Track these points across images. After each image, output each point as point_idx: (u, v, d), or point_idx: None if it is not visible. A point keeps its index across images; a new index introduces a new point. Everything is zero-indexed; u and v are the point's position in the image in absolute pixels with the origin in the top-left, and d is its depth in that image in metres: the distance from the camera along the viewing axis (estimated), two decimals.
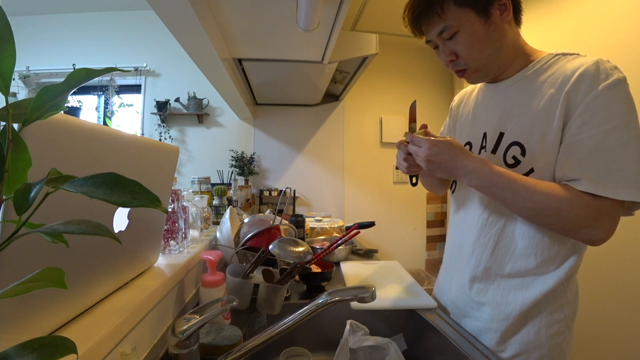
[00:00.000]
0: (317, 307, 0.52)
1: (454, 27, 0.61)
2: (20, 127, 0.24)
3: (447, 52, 0.65)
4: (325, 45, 1.30)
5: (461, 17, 0.60)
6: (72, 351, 0.22)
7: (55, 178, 0.23)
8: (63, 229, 0.22)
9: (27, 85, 2.33)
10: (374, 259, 1.30)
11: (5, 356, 0.20)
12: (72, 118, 0.38)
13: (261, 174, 2.55)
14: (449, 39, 0.63)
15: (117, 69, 0.27)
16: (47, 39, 2.39)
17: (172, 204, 0.78)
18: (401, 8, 0.68)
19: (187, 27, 0.99)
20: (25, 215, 0.22)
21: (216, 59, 1.21)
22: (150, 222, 0.62)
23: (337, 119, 2.62)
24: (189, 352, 0.50)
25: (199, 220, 1.01)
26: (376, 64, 2.44)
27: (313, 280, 0.95)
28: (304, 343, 0.78)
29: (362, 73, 1.85)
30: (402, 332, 0.78)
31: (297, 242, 0.70)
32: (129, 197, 0.23)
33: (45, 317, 0.39)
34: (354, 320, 0.71)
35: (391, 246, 2.62)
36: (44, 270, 0.21)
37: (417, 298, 0.85)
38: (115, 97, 2.40)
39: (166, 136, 2.44)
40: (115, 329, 0.44)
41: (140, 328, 0.53)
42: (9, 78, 0.23)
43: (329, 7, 1.00)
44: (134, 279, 0.61)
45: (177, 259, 0.76)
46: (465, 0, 0.60)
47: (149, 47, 2.46)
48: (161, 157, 0.63)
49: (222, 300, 0.55)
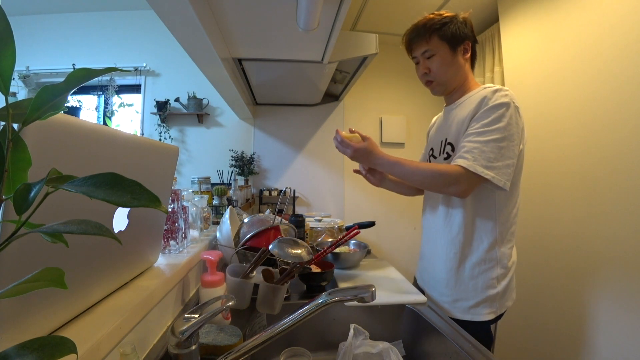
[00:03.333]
0: (317, 307, 0.52)
1: (432, 51, 0.92)
2: (20, 127, 0.24)
3: (424, 66, 0.95)
4: (325, 45, 1.30)
5: (439, 46, 0.91)
6: (72, 351, 0.22)
7: (55, 178, 0.23)
8: (63, 229, 0.22)
9: (27, 85, 2.33)
10: (369, 257, 1.30)
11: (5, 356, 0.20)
12: (72, 118, 0.38)
13: (261, 174, 2.55)
14: (428, 58, 0.94)
15: (117, 69, 0.27)
16: (47, 39, 2.39)
17: (172, 204, 0.78)
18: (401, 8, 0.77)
19: (187, 27, 0.99)
20: (25, 215, 0.22)
21: (216, 59, 1.21)
22: (150, 222, 0.62)
23: (337, 119, 2.62)
24: (189, 352, 0.50)
25: (198, 220, 1.00)
26: (376, 64, 2.44)
27: (313, 280, 0.95)
28: (304, 343, 0.78)
29: (362, 73, 1.85)
30: (400, 333, 0.78)
31: (297, 242, 0.70)
32: (129, 197, 0.23)
33: (45, 317, 0.39)
34: (353, 319, 0.71)
35: (391, 246, 2.61)
36: (44, 270, 0.21)
37: (408, 294, 0.90)
38: (115, 97, 2.40)
39: (166, 136, 2.44)
40: (115, 329, 0.44)
41: (140, 328, 0.53)
42: (9, 78, 0.23)
43: (328, 7, 1.00)
44: (134, 279, 0.61)
45: (177, 258, 0.76)
46: (444, 37, 0.90)
47: (149, 47, 2.46)
48: (161, 157, 0.63)
49: (221, 299, 0.55)
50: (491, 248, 0.88)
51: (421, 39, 0.92)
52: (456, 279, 0.91)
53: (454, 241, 0.92)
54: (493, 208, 0.88)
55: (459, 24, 0.91)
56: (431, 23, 0.91)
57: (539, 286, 1.58)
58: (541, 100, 1.59)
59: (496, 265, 0.89)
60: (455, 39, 0.91)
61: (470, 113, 0.86)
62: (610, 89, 1.25)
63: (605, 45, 1.27)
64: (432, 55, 0.92)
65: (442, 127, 1.00)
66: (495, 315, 0.88)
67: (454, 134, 0.92)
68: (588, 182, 1.34)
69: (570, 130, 1.43)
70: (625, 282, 1.19)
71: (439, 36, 0.90)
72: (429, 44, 0.91)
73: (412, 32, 0.94)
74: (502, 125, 0.80)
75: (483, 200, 0.89)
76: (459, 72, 0.93)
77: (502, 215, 0.89)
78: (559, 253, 1.47)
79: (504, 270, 0.89)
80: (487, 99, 0.84)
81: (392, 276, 1.05)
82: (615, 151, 1.23)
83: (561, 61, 1.48)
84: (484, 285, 0.88)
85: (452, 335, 0.68)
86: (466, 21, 0.93)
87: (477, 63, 2.22)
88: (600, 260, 1.28)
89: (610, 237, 1.24)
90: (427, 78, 0.96)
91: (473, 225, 0.90)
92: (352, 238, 0.87)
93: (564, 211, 1.45)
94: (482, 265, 0.89)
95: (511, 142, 0.81)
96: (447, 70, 0.93)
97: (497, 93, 0.84)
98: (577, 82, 1.40)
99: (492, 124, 0.81)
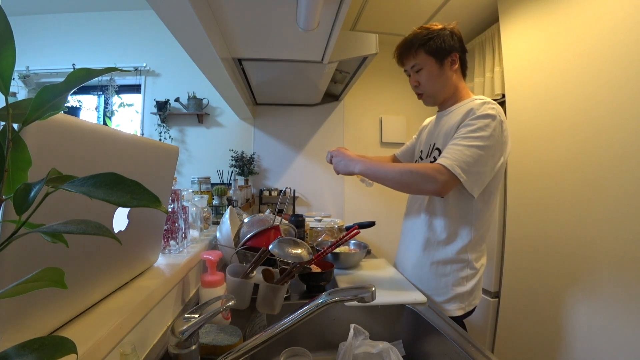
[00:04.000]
0: (317, 307, 0.52)
1: (420, 65, 0.97)
2: (20, 127, 0.24)
3: (414, 79, 1.01)
4: (325, 45, 1.30)
5: (426, 60, 0.96)
6: (72, 351, 0.22)
7: (55, 178, 0.23)
8: (63, 229, 0.22)
9: (27, 85, 2.33)
10: (369, 256, 1.30)
11: (5, 356, 0.20)
12: (72, 118, 0.38)
13: (261, 174, 2.55)
14: (416, 72, 0.99)
15: (117, 69, 0.27)
16: (47, 39, 2.39)
17: (172, 204, 0.78)
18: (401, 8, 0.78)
19: (187, 27, 0.99)
20: (25, 215, 0.22)
21: (216, 59, 1.21)
22: (150, 222, 0.62)
23: (337, 119, 2.62)
24: (189, 352, 0.50)
25: (198, 220, 1.00)
26: (376, 64, 2.43)
27: (313, 280, 0.95)
28: (304, 343, 0.78)
29: (362, 73, 1.85)
30: (400, 333, 0.78)
31: (297, 242, 0.70)
32: (129, 197, 0.23)
33: (45, 317, 0.39)
34: (353, 319, 0.71)
35: (391, 246, 2.61)
36: (44, 270, 0.21)
37: (408, 293, 0.90)
38: (115, 97, 2.40)
39: (166, 136, 2.44)
40: (115, 329, 0.44)
41: (140, 328, 0.53)
42: (9, 78, 0.23)
43: (328, 7, 1.00)
44: (134, 279, 0.61)
45: (177, 258, 0.76)
46: (430, 51, 0.94)
47: (149, 47, 2.46)
48: (161, 157, 0.63)
49: (221, 299, 0.55)
50: (463, 251, 0.94)
51: (409, 54, 0.98)
52: (428, 277, 0.98)
53: (430, 241, 0.98)
54: (471, 214, 0.93)
55: (445, 37, 0.94)
56: (417, 38, 0.95)
57: (539, 285, 1.58)
58: (541, 100, 1.59)
59: (466, 267, 0.95)
60: (442, 52, 0.94)
61: (458, 122, 0.91)
62: (611, 89, 1.25)
63: (605, 45, 1.27)
64: (420, 69, 0.97)
65: (433, 132, 1.04)
66: (464, 312, 0.95)
67: (442, 141, 0.96)
68: (588, 183, 1.34)
69: (570, 131, 1.43)
70: (626, 279, 1.19)
71: (425, 51, 0.95)
72: (416, 58, 0.96)
73: (401, 47, 1.00)
74: (486, 134, 0.84)
75: (464, 207, 0.93)
76: (447, 84, 0.97)
77: (479, 222, 0.93)
78: (557, 253, 1.47)
79: (473, 272, 0.95)
80: (474, 110, 0.88)
81: (392, 276, 1.05)
82: (615, 152, 1.23)
83: (561, 61, 1.47)
84: (454, 283, 0.94)
85: (452, 335, 0.68)
86: (453, 33, 0.95)
87: (477, 63, 2.22)
88: (600, 257, 1.28)
89: (610, 239, 1.24)
90: (418, 90, 1.02)
91: (450, 228, 0.95)
92: (352, 238, 0.87)
93: (564, 212, 1.45)
94: (454, 265, 0.95)
95: (489, 153, 0.85)
96: (435, 83, 0.97)
97: (484, 105, 0.88)
98: (577, 82, 1.40)
99: (476, 131, 0.85)
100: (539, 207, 1.58)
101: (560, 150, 1.48)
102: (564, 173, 1.46)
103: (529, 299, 1.62)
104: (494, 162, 0.87)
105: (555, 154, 1.51)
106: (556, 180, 1.50)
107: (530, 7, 1.65)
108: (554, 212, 1.51)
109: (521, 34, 1.72)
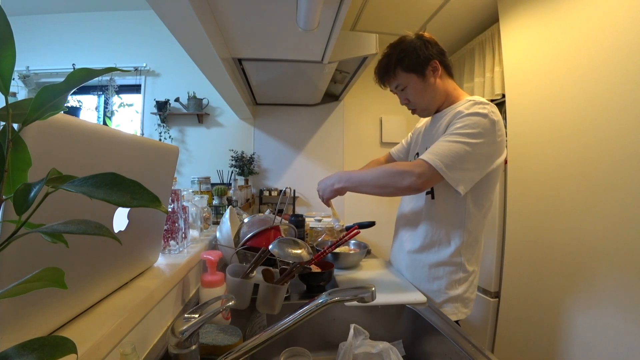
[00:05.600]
0: (317, 307, 0.52)
1: (403, 84, 0.95)
2: (20, 127, 0.24)
3: (402, 98, 1.00)
4: (325, 45, 1.30)
5: (407, 78, 0.94)
6: (72, 351, 0.22)
7: (55, 178, 0.23)
8: (63, 229, 0.22)
9: (27, 85, 2.33)
10: (369, 256, 1.30)
11: (5, 356, 0.20)
12: (72, 118, 0.38)
13: (261, 174, 2.55)
14: (402, 91, 0.97)
15: (117, 69, 0.27)
16: (47, 39, 2.39)
17: (172, 204, 0.78)
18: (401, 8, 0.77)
19: (187, 27, 0.99)
20: (25, 215, 0.22)
21: (216, 59, 1.21)
22: (150, 222, 0.62)
23: (337, 119, 2.62)
24: (189, 352, 0.50)
25: (198, 220, 1.00)
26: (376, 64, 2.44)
27: (313, 280, 0.95)
28: (304, 343, 0.78)
29: (362, 73, 1.85)
30: (400, 333, 0.78)
31: (297, 242, 0.70)
32: (129, 197, 0.23)
33: (45, 317, 0.39)
34: (353, 319, 0.71)
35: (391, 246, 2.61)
36: (44, 270, 0.21)
37: (408, 294, 0.90)
38: (115, 97, 2.40)
39: (166, 136, 2.44)
40: (115, 329, 0.44)
41: (140, 328, 0.53)
42: (9, 78, 0.23)
43: (328, 7, 1.00)
44: (134, 279, 0.61)
45: (177, 258, 0.76)
46: (408, 68, 0.92)
47: (149, 47, 2.46)
48: (161, 157, 0.63)
49: (221, 299, 0.55)
50: (456, 254, 0.93)
51: (388, 76, 0.96)
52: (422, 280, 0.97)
53: (423, 244, 0.97)
54: (463, 216, 0.91)
55: (418, 49, 0.91)
56: (392, 59, 0.94)
57: (539, 286, 1.58)
58: (541, 100, 1.59)
59: (459, 270, 0.94)
60: (420, 65, 0.92)
61: (447, 123, 0.90)
62: (610, 88, 1.25)
63: (605, 44, 1.27)
64: (405, 87, 0.96)
65: (428, 133, 1.03)
66: (457, 318, 0.93)
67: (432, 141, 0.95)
68: (588, 182, 1.34)
69: (570, 131, 1.43)
70: (626, 280, 1.19)
71: (402, 69, 0.93)
72: (397, 78, 0.95)
73: (379, 71, 0.99)
74: (474, 132, 0.82)
75: (455, 209, 0.92)
76: (436, 93, 0.95)
77: (471, 224, 0.92)
78: (557, 253, 1.47)
79: (466, 274, 0.94)
80: (462, 110, 0.87)
81: (392, 276, 1.05)
82: (615, 152, 1.23)
83: (561, 61, 1.47)
84: (447, 285, 0.93)
85: (452, 335, 0.68)
86: (427, 41, 0.93)
87: (477, 63, 2.22)
88: (600, 258, 1.28)
89: (610, 240, 1.24)
90: (410, 107, 1.01)
91: (441, 231, 0.94)
92: (352, 238, 0.87)
93: (564, 212, 1.45)
94: (447, 268, 0.94)
95: (478, 150, 0.82)
96: (424, 97, 0.95)
97: (474, 105, 0.86)
98: (577, 82, 1.40)
99: (462, 128, 0.83)
100: (539, 207, 1.58)
101: (561, 150, 1.48)
102: (564, 173, 1.46)
103: (528, 299, 1.62)
104: (484, 161, 0.84)
105: (555, 154, 1.51)
106: (556, 180, 1.50)
107: (530, 7, 1.65)
108: (554, 212, 1.51)
109: (521, 34, 1.72)
